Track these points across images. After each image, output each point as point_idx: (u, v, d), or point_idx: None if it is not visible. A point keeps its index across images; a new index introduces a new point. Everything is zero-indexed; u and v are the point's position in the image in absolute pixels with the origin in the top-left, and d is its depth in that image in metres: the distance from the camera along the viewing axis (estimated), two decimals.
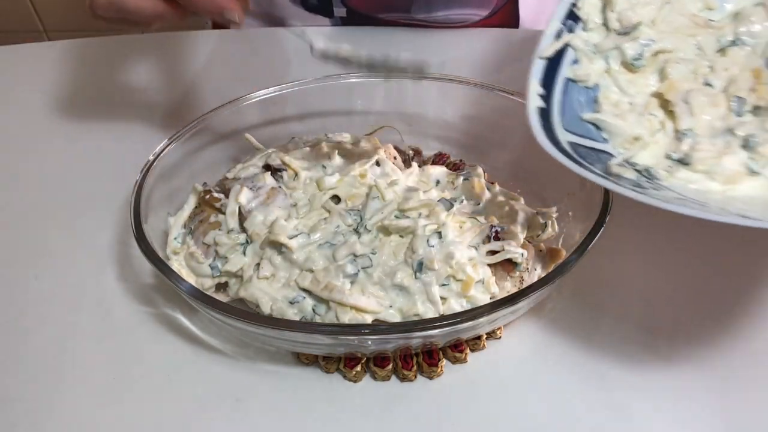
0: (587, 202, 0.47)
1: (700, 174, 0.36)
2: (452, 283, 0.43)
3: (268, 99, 0.57)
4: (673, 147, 0.38)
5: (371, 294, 0.43)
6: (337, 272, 0.43)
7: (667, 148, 0.38)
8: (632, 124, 0.38)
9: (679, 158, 0.37)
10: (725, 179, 0.35)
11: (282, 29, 0.81)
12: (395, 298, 0.43)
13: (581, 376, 0.43)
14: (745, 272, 0.50)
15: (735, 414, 0.41)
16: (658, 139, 0.38)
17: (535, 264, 0.46)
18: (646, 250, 0.52)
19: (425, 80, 0.58)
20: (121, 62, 0.77)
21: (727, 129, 0.37)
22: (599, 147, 0.38)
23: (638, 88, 0.40)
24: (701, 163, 0.36)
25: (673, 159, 0.37)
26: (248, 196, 0.47)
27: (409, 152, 0.58)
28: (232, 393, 0.43)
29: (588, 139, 0.38)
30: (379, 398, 0.43)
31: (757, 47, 0.39)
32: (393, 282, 0.43)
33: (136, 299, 0.49)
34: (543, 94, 0.38)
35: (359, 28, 0.79)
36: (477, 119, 0.58)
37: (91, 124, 0.68)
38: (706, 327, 0.46)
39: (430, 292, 0.42)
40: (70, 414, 0.42)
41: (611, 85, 0.40)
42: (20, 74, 0.77)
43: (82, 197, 0.59)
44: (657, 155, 0.38)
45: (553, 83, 0.40)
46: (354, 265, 0.43)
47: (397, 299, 0.43)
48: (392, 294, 0.43)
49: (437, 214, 0.45)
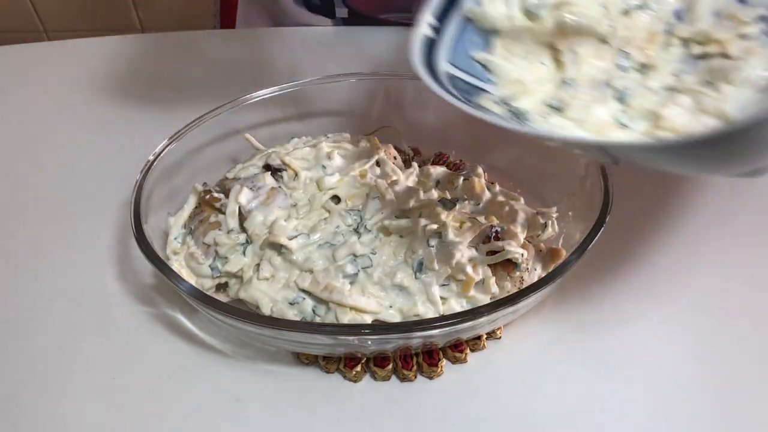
0: (587, 202, 0.47)
1: (571, 121, 0.35)
2: (452, 283, 0.43)
3: (268, 99, 0.57)
4: (553, 95, 0.37)
5: (371, 294, 0.43)
6: (337, 272, 0.43)
7: (549, 96, 0.37)
8: (521, 69, 0.38)
9: (556, 106, 0.36)
10: (594, 128, 0.35)
11: (282, 29, 0.81)
12: (395, 299, 0.43)
13: (581, 375, 0.43)
14: (745, 272, 0.50)
15: (735, 414, 0.41)
16: (543, 88, 0.37)
17: (535, 264, 0.46)
18: (646, 250, 0.52)
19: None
20: (121, 62, 0.77)
21: (607, 82, 0.37)
22: (480, 85, 0.37)
23: (534, 36, 0.39)
24: (573, 111, 0.35)
25: (551, 106, 0.36)
26: (248, 196, 0.47)
27: (409, 152, 0.58)
28: (232, 393, 0.43)
29: (471, 76, 0.37)
30: (379, 398, 0.43)
31: (662, 14, 0.39)
32: (393, 282, 0.43)
33: (136, 299, 0.49)
34: (435, 26, 0.37)
35: (360, 27, 0.79)
36: (477, 119, 0.58)
37: (91, 124, 0.68)
38: (707, 327, 0.46)
39: (430, 293, 0.42)
40: (70, 414, 0.42)
41: (508, 30, 0.39)
42: (20, 74, 0.77)
43: (82, 197, 0.59)
44: (537, 102, 0.37)
45: (449, 18, 0.38)
46: (354, 265, 0.43)
47: (397, 299, 0.43)
48: (392, 294, 0.43)
49: (437, 214, 0.45)
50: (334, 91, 0.59)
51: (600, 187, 0.45)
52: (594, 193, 0.46)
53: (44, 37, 1.60)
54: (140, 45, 0.81)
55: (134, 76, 0.75)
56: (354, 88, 0.59)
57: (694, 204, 0.56)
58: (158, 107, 0.69)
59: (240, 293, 0.45)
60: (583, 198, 0.49)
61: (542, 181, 0.54)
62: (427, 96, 0.60)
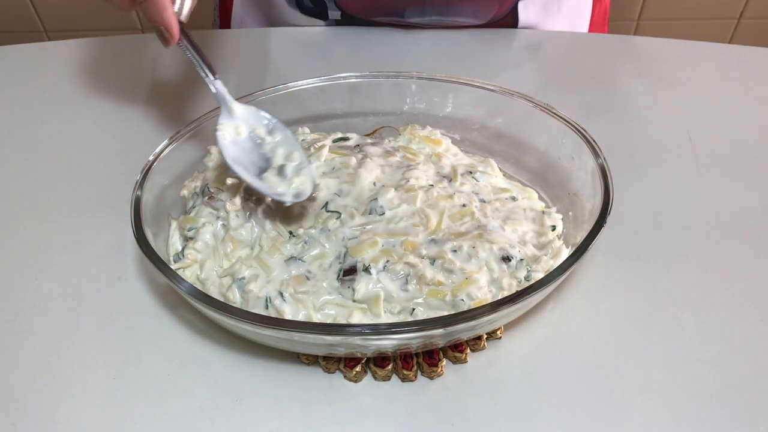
0: (587, 203, 0.47)
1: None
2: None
3: (268, 99, 0.57)
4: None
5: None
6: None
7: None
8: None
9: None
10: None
11: (282, 29, 0.81)
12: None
13: (581, 375, 0.43)
14: (746, 272, 0.50)
15: (737, 414, 0.41)
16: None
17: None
18: (646, 250, 0.52)
19: (425, 81, 0.58)
20: (121, 62, 0.77)
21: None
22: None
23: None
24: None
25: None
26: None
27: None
28: (232, 393, 0.43)
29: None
30: (379, 398, 0.43)
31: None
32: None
33: (136, 299, 0.49)
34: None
35: (353, 28, 0.79)
36: (477, 120, 0.58)
37: (91, 125, 0.68)
38: (707, 327, 0.46)
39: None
40: (70, 414, 0.42)
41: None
42: (20, 74, 0.77)
43: (82, 197, 0.59)
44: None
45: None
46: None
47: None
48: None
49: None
50: (334, 91, 0.59)
51: (600, 187, 0.46)
52: (594, 193, 0.46)
53: (44, 37, 1.60)
54: (140, 45, 0.81)
55: (134, 76, 0.75)
56: (354, 88, 0.59)
57: (695, 204, 0.56)
58: (158, 107, 0.69)
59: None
60: (583, 198, 0.49)
61: (543, 181, 0.54)
62: (427, 96, 0.61)
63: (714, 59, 0.75)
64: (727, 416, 0.41)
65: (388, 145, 0.55)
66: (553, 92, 0.70)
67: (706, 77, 0.72)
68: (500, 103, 0.55)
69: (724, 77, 0.72)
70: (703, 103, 0.68)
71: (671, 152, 0.61)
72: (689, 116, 0.66)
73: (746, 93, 0.69)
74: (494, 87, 0.55)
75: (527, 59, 0.77)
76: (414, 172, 0.50)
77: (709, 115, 0.66)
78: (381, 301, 0.43)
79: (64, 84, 0.73)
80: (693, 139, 0.63)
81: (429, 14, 0.76)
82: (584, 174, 0.49)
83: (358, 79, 0.58)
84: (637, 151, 0.61)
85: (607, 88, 0.71)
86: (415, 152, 0.54)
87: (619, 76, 0.73)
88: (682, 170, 0.59)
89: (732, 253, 0.51)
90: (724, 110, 0.67)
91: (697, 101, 0.68)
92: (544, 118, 0.53)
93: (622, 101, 0.69)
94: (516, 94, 0.54)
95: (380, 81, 0.58)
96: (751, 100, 0.68)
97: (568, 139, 0.51)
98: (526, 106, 0.54)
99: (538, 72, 0.75)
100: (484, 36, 0.78)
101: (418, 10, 0.76)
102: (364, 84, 0.59)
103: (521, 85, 0.56)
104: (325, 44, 0.78)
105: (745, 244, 0.52)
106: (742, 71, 0.73)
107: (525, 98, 0.54)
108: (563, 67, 0.75)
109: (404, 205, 0.47)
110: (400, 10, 0.76)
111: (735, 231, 0.53)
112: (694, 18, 1.54)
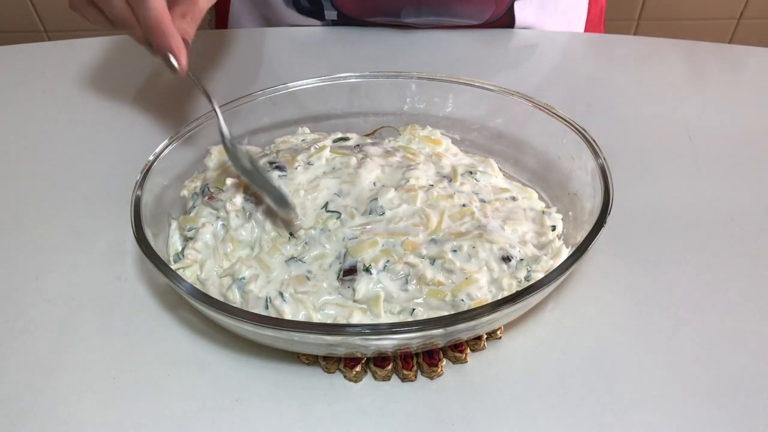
0: (587, 203, 0.47)
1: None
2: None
3: (268, 99, 0.57)
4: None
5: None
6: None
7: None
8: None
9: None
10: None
11: (278, 29, 0.81)
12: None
13: (581, 375, 0.43)
14: (746, 271, 0.50)
15: (737, 414, 0.41)
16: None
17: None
18: (646, 250, 0.52)
19: (425, 81, 0.58)
20: (121, 62, 0.77)
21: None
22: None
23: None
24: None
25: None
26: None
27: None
28: (232, 393, 0.43)
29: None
30: (379, 398, 0.43)
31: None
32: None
33: (136, 299, 0.49)
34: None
35: (350, 28, 0.79)
36: (477, 120, 0.58)
37: (91, 125, 0.68)
38: (708, 326, 0.46)
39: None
40: (70, 414, 0.42)
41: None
42: (20, 74, 0.76)
43: (82, 197, 0.59)
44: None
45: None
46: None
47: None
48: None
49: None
50: (334, 91, 0.59)
51: (600, 187, 0.46)
52: (594, 193, 0.46)
53: (44, 37, 1.60)
54: (140, 45, 0.81)
55: (134, 76, 0.74)
56: (354, 88, 0.59)
57: (695, 204, 0.56)
58: (158, 107, 0.69)
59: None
60: (584, 198, 0.49)
61: (543, 181, 0.54)
62: (427, 96, 0.61)
63: (714, 59, 0.75)
64: (727, 416, 0.41)
65: (388, 145, 0.55)
66: (552, 92, 0.70)
67: (706, 77, 0.72)
68: (500, 103, 0.55)
69: (724, 77, 0.72)
70: (703, 103, 0.68)
71: (671, 152, 0.61)
72: (689, 116, 0.66)
73: (746, 93, 0.69)
74: (494, 87, 0.56)
75: (526, 59, 0.76)
76: (414, 172, 0.50)
77: (709, 115, 0.66)
78: (381, 301, 0.43)
79: (64, 84, 0.73)
80: (693, 139, 0.63)
81: (425, 15, 0.76)
82: (584, 174, 0.49)
83: (358, 79, 0.58)
84: (637, 151, 0.61)
85: (607, 88, 0.71)
86: (415, 152, 0.54)
87: (619, 75, 0.73)
88: (682, 170, 0.59)
89: (732, 253, 0.51)
90: (724, 110, 0.67)
91: (697, 101, 0.68)
92: (544, 118, 0.53)
93: (622, 101, 0.69)
94: (516, 94, 0.54)
95: (380, 81, 0.58)
96: (751, 100, 0.68)
97: (568, 139, 0.51)
98: (526, 106, 0.54)
99: (537, 72, 0.75)
100: (481, 36, 0.78)
101: (414, 11, 0.76)
102: (364, 84, 0.59)
103: (520, 86, 0.56)
104: (322, 44, 0.78)
105: (745, 244, 0.52)
106: (742, 71, 0.73)
107: (525, 98, 0.54)
108: (563, 67, 0.75)
109: (404, 205, 0.47)
110: (396, 11, 0.76)
111: (735, 231, 0.53)
112: (694, 18, 1.54)
